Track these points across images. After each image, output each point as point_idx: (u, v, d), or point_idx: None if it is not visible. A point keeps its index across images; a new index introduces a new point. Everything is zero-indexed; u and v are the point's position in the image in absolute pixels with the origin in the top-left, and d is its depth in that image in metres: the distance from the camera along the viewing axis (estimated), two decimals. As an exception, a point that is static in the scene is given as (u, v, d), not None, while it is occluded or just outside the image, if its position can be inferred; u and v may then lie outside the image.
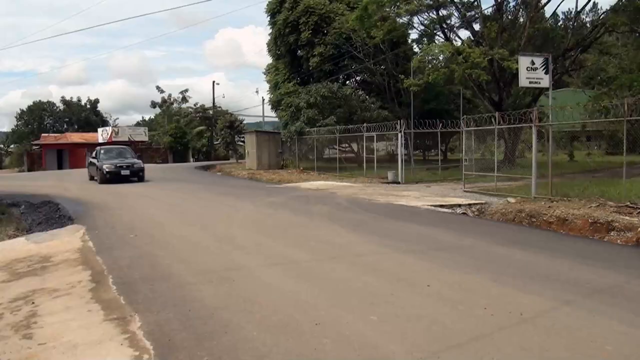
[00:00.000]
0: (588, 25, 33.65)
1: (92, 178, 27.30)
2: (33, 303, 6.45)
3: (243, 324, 5.38)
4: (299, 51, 38.43)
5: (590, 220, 10.91)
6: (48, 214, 15.20)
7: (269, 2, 40.17)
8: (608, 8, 28.92)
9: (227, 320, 5.51)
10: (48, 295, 6.77)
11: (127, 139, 58.38)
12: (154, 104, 75.27)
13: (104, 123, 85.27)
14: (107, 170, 24.96)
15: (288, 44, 38.27)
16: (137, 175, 25.91)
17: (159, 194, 19.93)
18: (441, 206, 15.07)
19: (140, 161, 27.47)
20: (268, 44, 42.95)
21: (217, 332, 5.16)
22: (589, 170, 22.41)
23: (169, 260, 8.53)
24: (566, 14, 47.61)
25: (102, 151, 27.64)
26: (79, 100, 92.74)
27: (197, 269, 7.78)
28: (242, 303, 6.07)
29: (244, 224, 12.48)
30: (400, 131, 23.74)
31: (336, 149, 33.53)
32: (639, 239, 9.75)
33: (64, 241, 10.69)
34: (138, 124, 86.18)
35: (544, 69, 19.92)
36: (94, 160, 26.74)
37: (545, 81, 20.14)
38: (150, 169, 40.83)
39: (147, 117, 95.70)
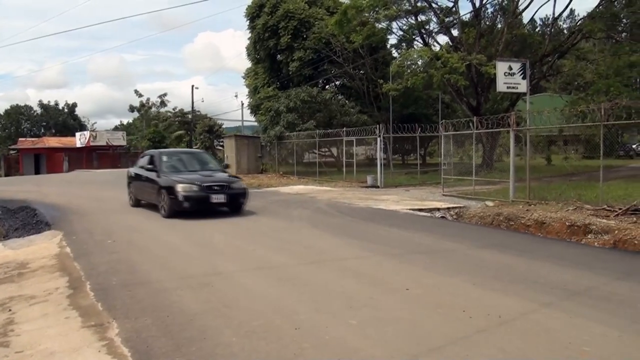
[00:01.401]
0: (565, 31, 34.17)
1: (138, 202, 16.59)
2: (10, 310, 6.35)
3: (222, 329, 5.35)
4: (279, 55, 38.44)
5: (567, 223, 11.03)
6: (25, 220, 14.99)
7: (248, 6, 40.11)
8: (585, 15, 29.30)
9: (206, 325, 5.47)
10: (25, 302, 6.67)
11: (105, 144, 57.94)
12: (132, 108, 74.50)
13: (82, 127, 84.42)
14: (184, 193, 13.77)
15: (267, 48, 38.28)
16: (235, 204, 14.62)
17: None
18: (420, 210, 15.14)
19: (238, 178, 15.93)
20: (247, 48, 42.92)
21: (196, 337, 5.12)
22: (566, 174, 22.62)
23: (147, 265, 8.46)
24: (544, 20, 48.34)
25: (163, 157, 16.11)
26: (57, 104, 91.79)
27: (176, 275, 7.72)
28: (221, 308, 6.04)
29: (223, 229, 12.41)
30: (379, 135, 23.82)
31: (316, 153, 33.51)
32: (616, 241, 9.87)
33: (41, 247, 10.56)
34: (116, 128, 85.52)
35: (521, 74, 20.17)
36: (150, 174, 15.37)
37: (522, 86, 20.39)
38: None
39: (125, 122, 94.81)
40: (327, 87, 41.11)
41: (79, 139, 59.50)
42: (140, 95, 72.81)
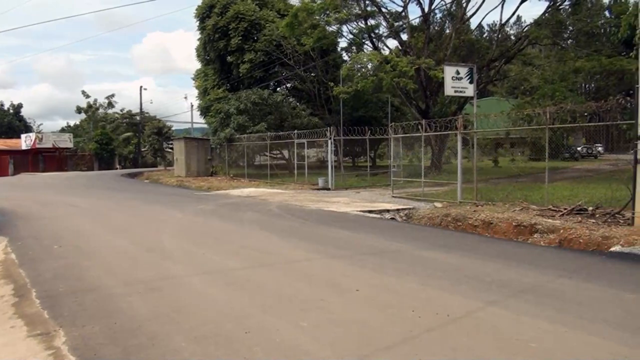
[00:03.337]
0: (512, 37, 34.94)
1: None
2: (-52, 318, 6.12)
3: (172, 335, 5.26)
4: (229, 57, 38.11)
5: (514, 223, 11.29)
6: (-33, 225, 14.48)
7: (198, 6, 39.74)
8: (531, 21, 30.08)
9: (155, 331, 5.37)
10: (-34, 311, 6.44)
11: (51, 146, 56.49)
12: (79, 110, 72.71)
13: (28, 129, 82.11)
14: None
15: (218, 49, 37.95)
16: None
17: (83, 202, 19.33)
18: (370, 212, 15.25)
19: None
20: (197, 49, 42.51)
21: (145, 344, 5.02)
22: (512, 176, 23.14)
23: (95, 271, 8.26)
24: (491, 26, 49.35)
25: None
26: (2, 105, 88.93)
27: (125, 280, 7.56)
28: (171, 314, 5.94)
29: (173, 233, 12.22)
30: (330, 138, 23.93)
31: (267, 155, 33.48)
32: (561, 240, 10.15)
33: (-17, 253, 10.21)
34: (63, 130, 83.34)
35: (468, 79, 20.47)
36: None
37: (470, 90, 20.70)
38: (74, 177, 39.68)
39: (72, 123, 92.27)
40: (278, 89, 41.14)
41: (25, 141, 57.74)
42: (88, 96, 71.23)
